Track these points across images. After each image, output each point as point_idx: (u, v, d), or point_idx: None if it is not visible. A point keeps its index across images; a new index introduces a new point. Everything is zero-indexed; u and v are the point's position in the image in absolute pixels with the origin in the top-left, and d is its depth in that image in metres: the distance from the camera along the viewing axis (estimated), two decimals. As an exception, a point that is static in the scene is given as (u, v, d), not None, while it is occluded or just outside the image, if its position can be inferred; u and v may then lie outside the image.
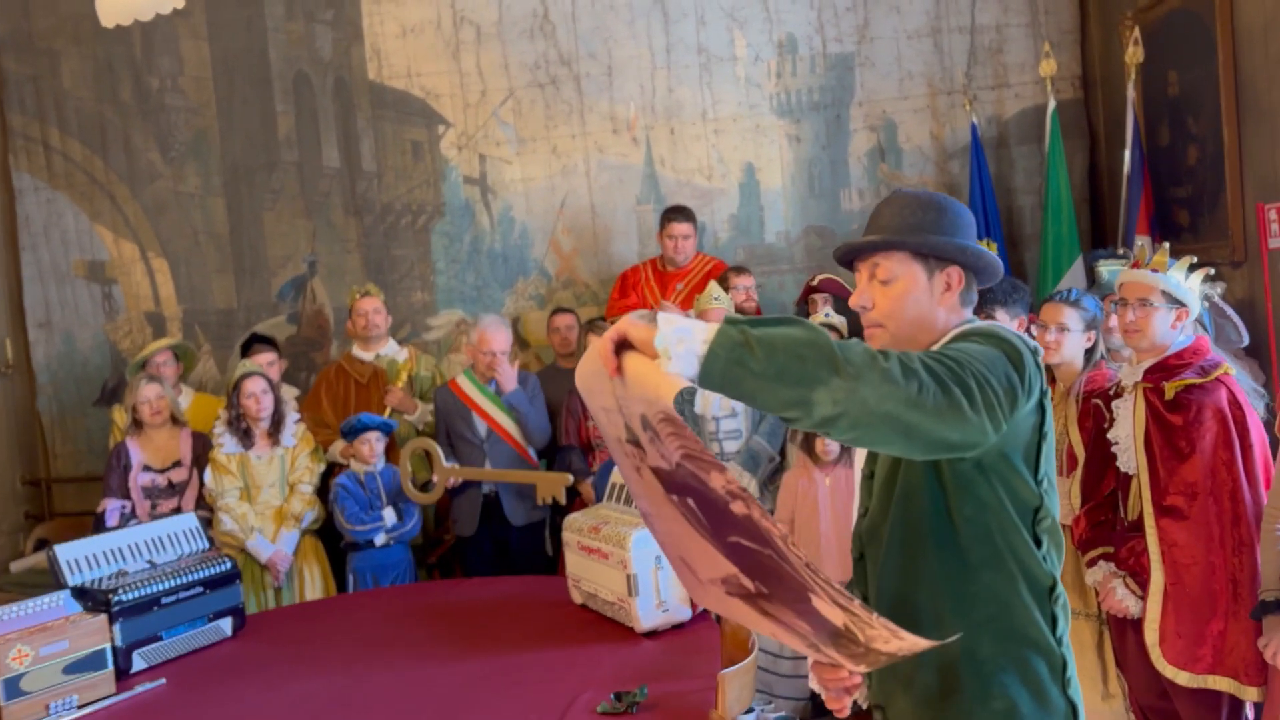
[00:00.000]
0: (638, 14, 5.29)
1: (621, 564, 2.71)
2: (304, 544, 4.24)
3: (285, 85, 5.48)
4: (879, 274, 1.66)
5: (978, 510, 1.55)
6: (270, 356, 4.70)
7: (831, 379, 1.30)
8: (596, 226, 5.43)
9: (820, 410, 1.31)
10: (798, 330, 1.34)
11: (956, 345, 1.50)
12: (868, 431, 1.34)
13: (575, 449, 4.33)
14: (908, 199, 1.68)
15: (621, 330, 1.39)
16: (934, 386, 1.35)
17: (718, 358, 1.32)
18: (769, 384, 1.31)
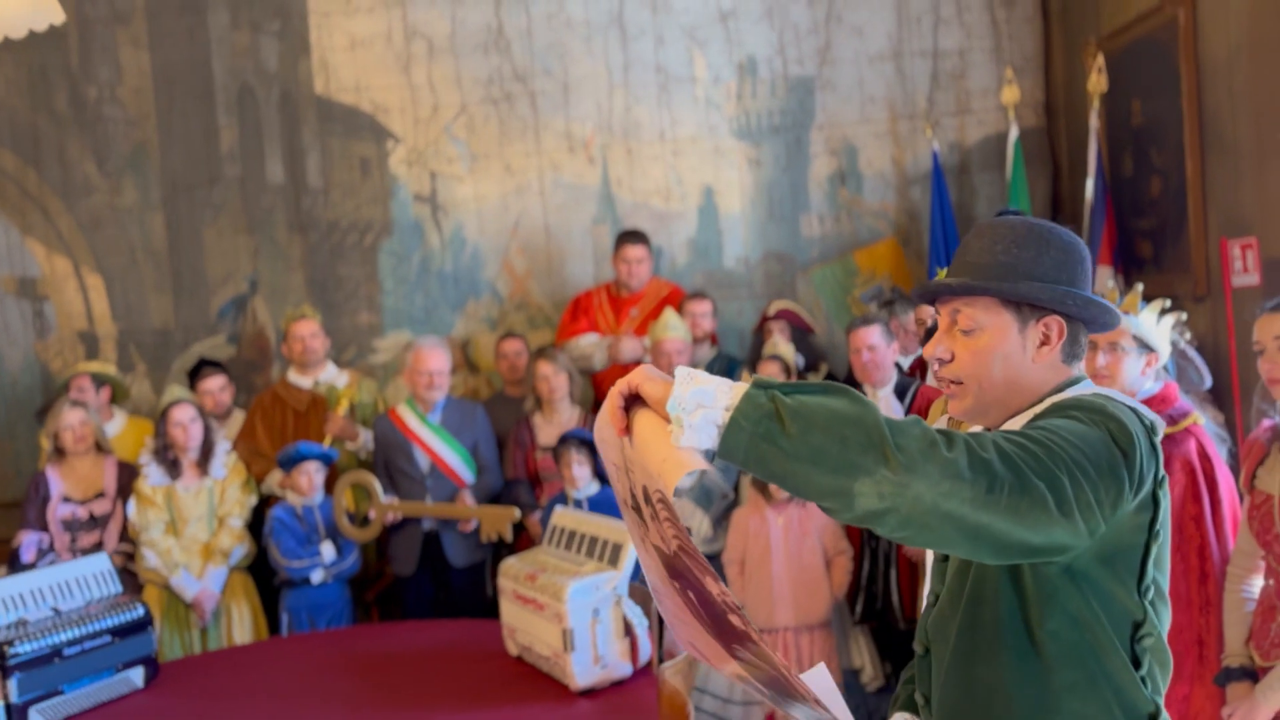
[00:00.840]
0: (595, 31, 5.16)
1: (557, 617, 2.54)
2: (233, 581, 4.03)
3: (229, 98, 5.27)
4: (960, 322, 1.38)
5: (1065, 625, 1.29)
6: (220, 381, 4.50)
7: (878, 469, 1.10)
8: (551, 247, 5.27)
9: (864, 504, 1.11)
10: (840, 402, 1.13)
11: (1050, 422, 1.25)
12: (923, 532, 1.13)
13: (523, 482, 4.16)
14: (1003, 230, 1.40)
15: (634, 383, 1.22)
16: (1010, 481, 1.13)
17: (741, 430, 1.12)
18: (802, 467, 1.11)
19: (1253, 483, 2.22)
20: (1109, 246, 4.34)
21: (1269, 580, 2.18)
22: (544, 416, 4.19)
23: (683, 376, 1.15)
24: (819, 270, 5.23)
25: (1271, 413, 2.20)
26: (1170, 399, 2.40)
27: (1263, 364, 2.12)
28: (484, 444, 4.10)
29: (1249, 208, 3.50)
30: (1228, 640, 2.25)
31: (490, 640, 3.04)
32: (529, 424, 4.20)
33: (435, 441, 4.01)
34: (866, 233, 5.19)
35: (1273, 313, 2.12)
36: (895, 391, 3.88)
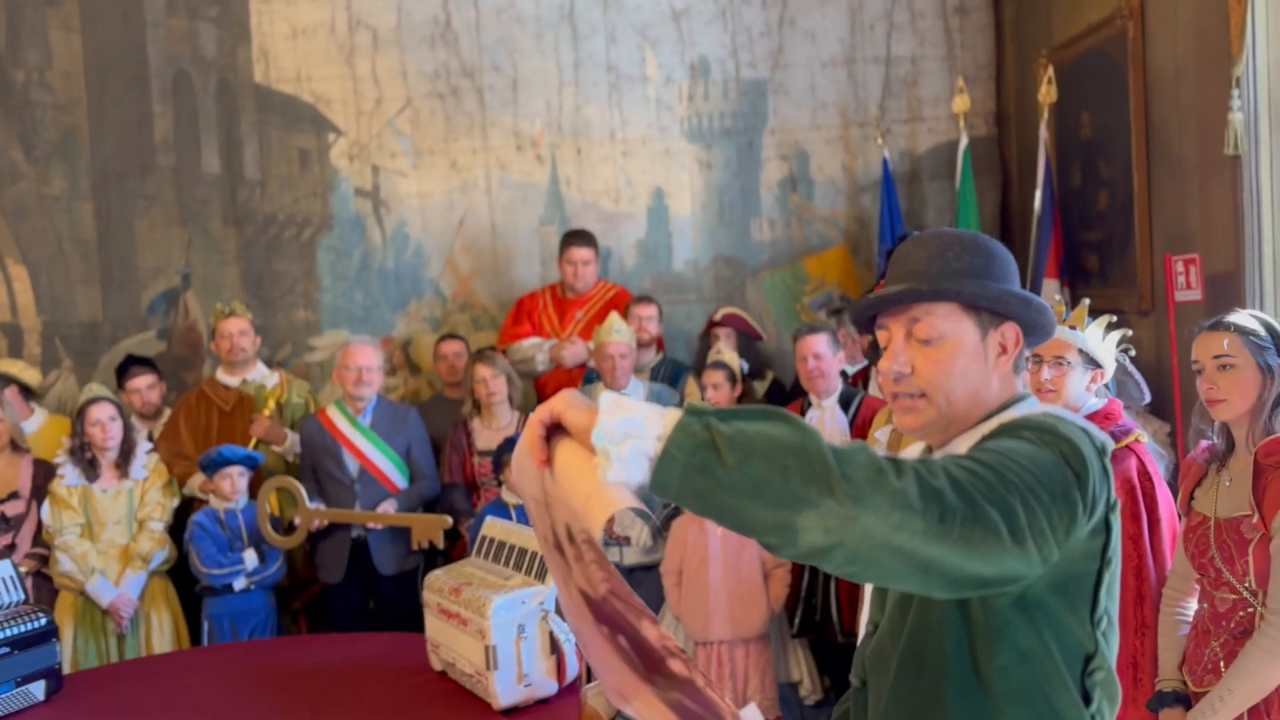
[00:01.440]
0: (545, 27, 5.05)
1: (480, 633, 2.43)
2: (153, 587, 3.86)
3: (164, 84, 5.09)
4: (919, 331, 1.31)
5: (1015, 661, 1.22)
6: (150, 379, 4.32)
7: (823, 501, 1.02)
8: (497, 247, 5.15)
9: (808, 539, 1.02)
10: (780, 429, 1.04)
11: (1000, 444, 1.18)
12: (872, 567, 1.05)
13: (459, 487, 4.04)
14: (947, 239, 1.34)
15: (555, 411, 1.11)
16: (962, 510, 1.06)
17: (674, 462, 1.03)
18: (741, 500, 1.02)
19: (1190, 504, 2.18)
20: (1055, 259, 4.33)
21: (1203, 604, 2.14)
22: (482, 421, 4.08)
23: (609, 404, 1.06)
24: (768, 276, 5.17)
25: (1209, 433, 2.16)
26: (1114, 415, 2.36)
27: (1201, 383, 2.08)
28: (418, 448, 3.98)
29: (1193, 223, 3.50)
30: (1161, 664, 2.21)
31: (416, 654, 2.92)
32: (467, 428, 4.08)
33: (365, 445, 3.88)
34: (816, 239, 5.14)
35: (1211, 331, 2.08)
36: (840, 401, 3.82)
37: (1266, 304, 3.02)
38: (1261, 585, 2.00)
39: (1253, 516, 2.00)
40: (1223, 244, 3.27)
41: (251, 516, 3.84)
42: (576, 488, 1.06)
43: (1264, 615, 1.98)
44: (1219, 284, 3.27)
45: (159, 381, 4.33)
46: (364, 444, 3.88)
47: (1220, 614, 2.07)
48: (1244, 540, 2.01)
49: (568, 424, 1.10)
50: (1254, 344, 2.02)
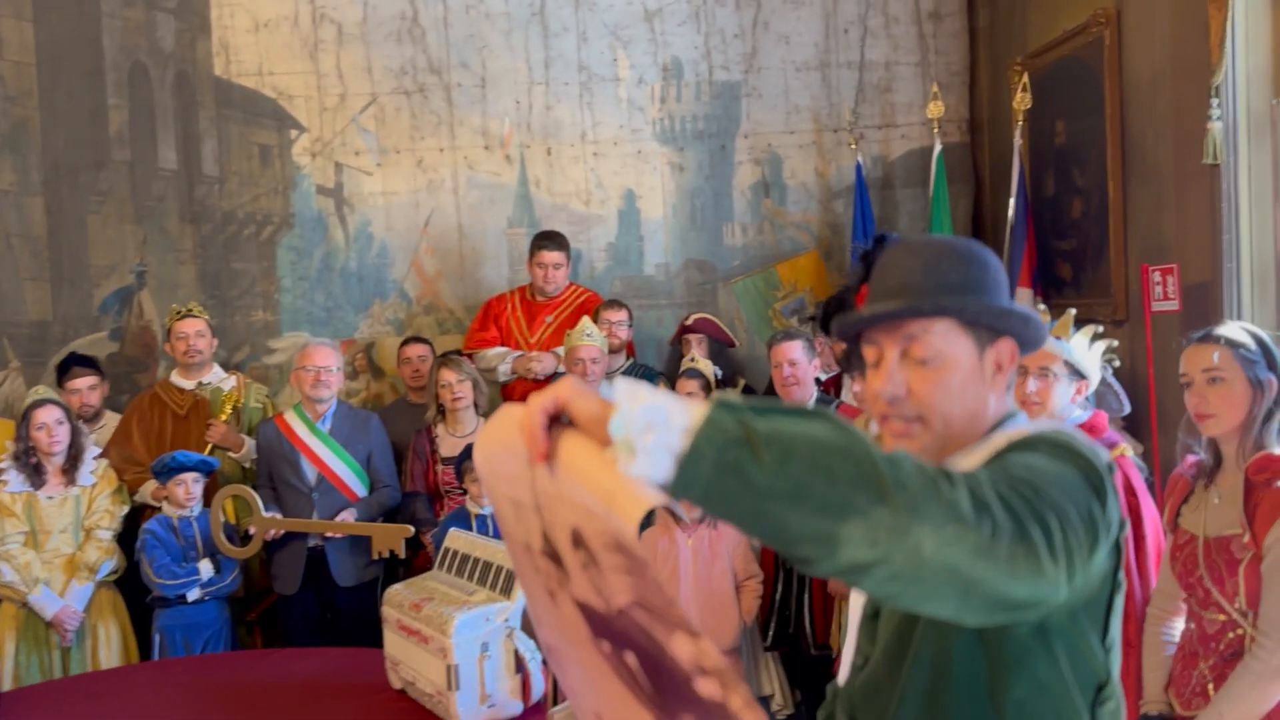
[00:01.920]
0: (515, 24, 4.95)
1: (441, 651, 2.33)
2: (100, 598, 3.71)
3: (119, 76, 4.92)
4: (915, 351, 1.22)
5: (1033, 694, 1.14)
6: (91, 380, 4.15)
7: (873, 509, 0.91)
8: (464, 248, 5.04)
9: (849, 553, 0.92)
10: (823, 428, 0.94)
11: (1020, 458, 1.10)
12: (914, 586, 0.95)
13: (420, 495, 3.92)
14: (938, 248, 1.25)
15: (561, 398, 0.97)
16: (1010, 527, 0.97)
17: (703, 459, 0.90)
18: (778, 506, 0.91)
19: (1176, 521, 2.13)
20: (1029, 267, 4.29)
21: (1190, 624, 2.08)
22: (447, 427, 3.97)
23: (627, 391, 0.93)
24: (740, 281, 5.11)
25: (1196, 448, 2.11)
26: (1099, 428, 2.31)
27: (1190, 397, 2.03)
28: (379, 455, 3.86)
29: (1170, 233, 3.47)
30: (1146, 685, 2.16)
31: (374, 671, 2.80)
32: (430, 435, 3.97)
33: (324, 451, 3.76)
34: (789, 244, 5.08)
35: (1200, 344, 2.03)
36: (813, 409, 3.75)
37: (1245, 315, 2.99)
38: (1252, 606, 1.95)
39: (1243, 535, 1.95)
40: (1200, 254, 3.24)
41: (206, 525, 3.70)
42: (596, 484, 0.92)
43: (1255, 638, 1.93)
44: (1196, 294, 3.24)
45: (101, 382, 4.16)
46: (323, 450, 3.76)
47: (1209, 635, 2.02)
48: (1234, 560, 1.96)
49: (575, 412, 0.96)
50: (1244, 357, 1.97)
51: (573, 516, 0.98)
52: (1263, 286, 3.02)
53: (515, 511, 1.09)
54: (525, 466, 1.01)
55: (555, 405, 0.97)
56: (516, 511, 1.09)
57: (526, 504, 1.05)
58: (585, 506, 0.95)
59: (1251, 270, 3.04)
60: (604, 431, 0.92)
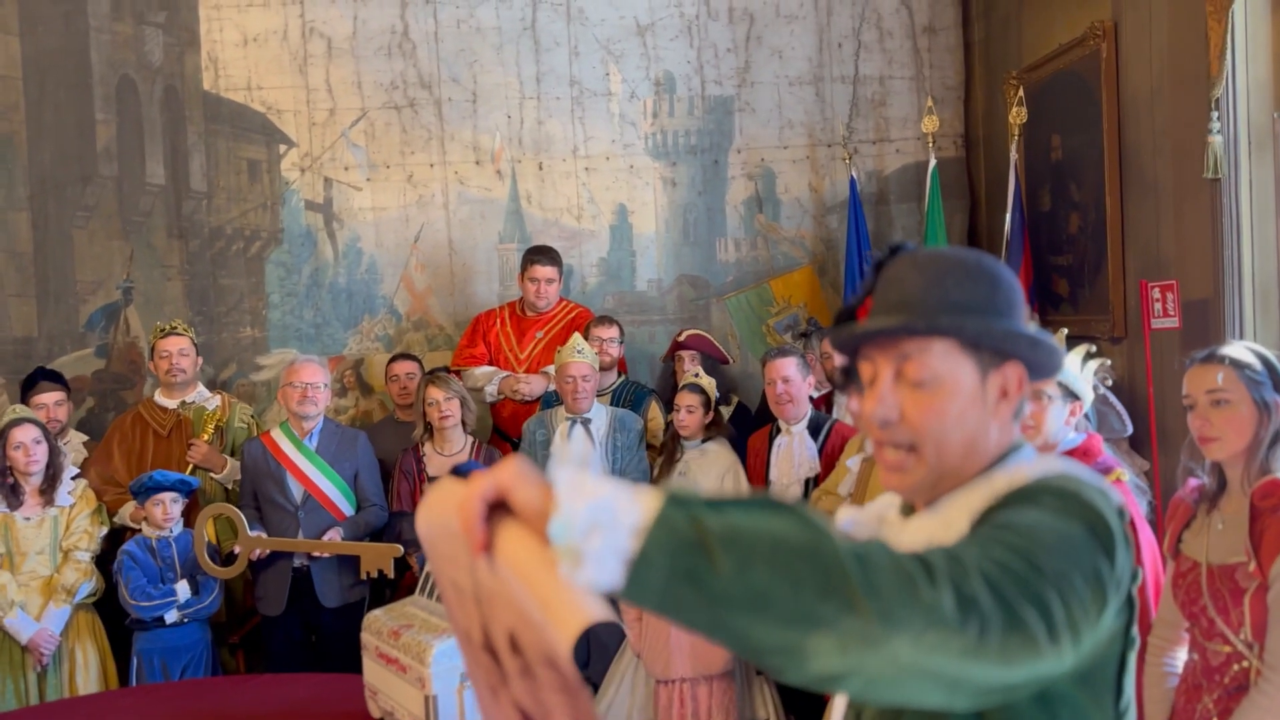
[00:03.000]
0: (506, 39, 4.91)
1: (420, 681, 2.26)
2: (78, 621, 3.63)
3: (107, 91, 4.88)
4: (910, 371, 1.12)
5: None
6: (57, 396, 4.07)
7: (841, 619, 0.84)
8: (454, 264, 4.98)
9: (819, 664, 0.85)
10: (785, 524, 0.86)
11: (1022, 519, 0.99)
12: (891, 690, 0.88)
13: (408, 515, 3.84)
14: (945, 263, 1.15)
15: (502, 485, 0.87)
16: (1000, 618, 0.89)
17: (655, 567, 0.82)
18: (738, 617, 0.83)
19: (1177, 547, 2.05)
20: (1025, 284, 4.23)
21: (1193, 655, 2.01)
22: (434, 445, 3.89)
23: (569, 485, 0.84)
24: (734, 297, 5.05)
25: (1199, 472, 2.04)
26: (1093, 452, 2.23)
27: (1193, 420, 1.96)
28: (366, 474, 3.78)
29: (1169, 249, 3.41)
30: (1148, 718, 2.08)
31: (354, 699, 2.73)
32: (418, 453, 3.90)
33: (310, 469, 3.68)
34: (783, 260, 5.02)
35: (1204, 365, 1.96)
36: (810, 428, 3.69)
37: (1246, 332, 2.93)
38: (1258, 638, 1.87)
39: (1249, 563, 1.87)
40: (1200, 270, 3.18)
41: (185, 545, 3.63)
42: (533, 589, 0.83)
43: (1261, 671, 1.86)
44: (1197, 312, 3.18)
45: (67, 399, 4.08)
46: (309, 468, 3.68)
47: (1213, 667, 1.94)
48: (1239, 589, 1.88)
49: (516, 504, 0.87)
50: (1250, 379, 1.90)
51: (510, 618, 0.89)
52: (1265, 303, 2.96)
53: (457, 596, 0.99)
54: (465, 552, 0.91)
55: (495, 492, 0.88)
56: (458, 597, 0.99)
57: (467, 591, 0.96)
58: (523, 611, 0.86)
59: (1253, 287, 2.98)
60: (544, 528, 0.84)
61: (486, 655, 0.98)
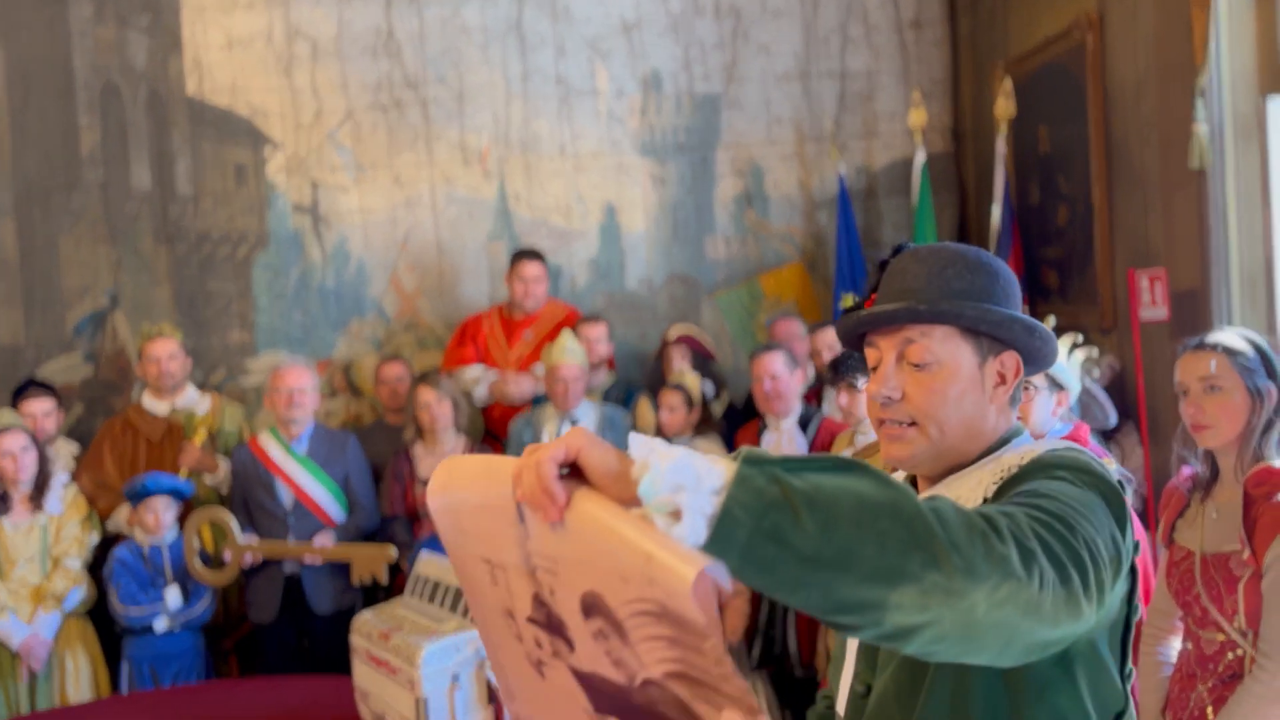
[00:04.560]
0: (492, 38, 4.89)
1: (410, 683, 2.24)
2: (69, 628, 3.60)
3: (91, 96, 4.84)
4: (912, 355, 1.20)
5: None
6: (47, 405, 4.03)
7: (926, 573, 0.87)
8: (443, 265, 4.96)
9: (897, 618, 0.87)
10: (863, 484, 0.88)
11: (1049, 486, 1.06)
12: (956, 645, 0.91)
13: (399, 519, 3.83)
14: (947, 255, 1.24)
15: (573, 449, 0.88)
16: (1053, 575, 0.94)
17: (739, 524, 0.83)
18: (822, 574, 0.85)
19: (1171, 536, 2.05)
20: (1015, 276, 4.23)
21: (1187, 644, 2.00)
22: (425, 447, 3.87)
23: (648, 447, 0.86)
24: (724, 294, 5.04)
25: (1192, 460, 2.03)
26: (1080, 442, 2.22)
27: (1186, 407, 1.95)
28: (356, 477, 3.76)
29: (1157, 238, 3.41)
30: (1142, 708, 2.07)
31: (346, 703, 2.71)
32: (408, 455, 3.87)
33: (300, 474, 3.66)
34: (773, 256, 5.01)
35: (1196, 352, 1.95)
36: (798, 423, 3.68)
37: (1235, 320, 2.93)
38: (1252, 626, 1.86)
39: (1243, 551, 1.87)
40: (1188, 260, 3.18)
41: (177, 551, 3.60)
42: (632, 545, 0.83)
43: (1256, 659, 1.85)
44: (1185, 301, 3.18)
45: (57, 409, 4.04)
46: (299, 473, 3.66)
47: (1207, 656, 1.93)
48: (1233, 577, 1.88)
49: (591, 467, 0.88)
50: (1242, 365, 1.90)
51: (590, 581, 0.89)
52: (1252, 293, 2.96)
53: (490, 573, 0.99)
54: (512, 524, 0.92)
55: (567, 456, 0.88)
56: (492, 573, 0.99)
57: (512, 566, 0.96)
58: (612, 570, 0.86)
59: (1241, 276, 2.98)
60: (622, 489, 0.86)
61: (535, 629, 0.97)
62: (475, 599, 1.06)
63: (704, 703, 0.85)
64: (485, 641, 1.11)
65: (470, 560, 1.02)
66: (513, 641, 1.02)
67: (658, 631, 0.85)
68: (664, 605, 0.82)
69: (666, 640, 0.84)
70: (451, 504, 0.99)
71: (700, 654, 0.83)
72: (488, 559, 0.99)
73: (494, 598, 1.01)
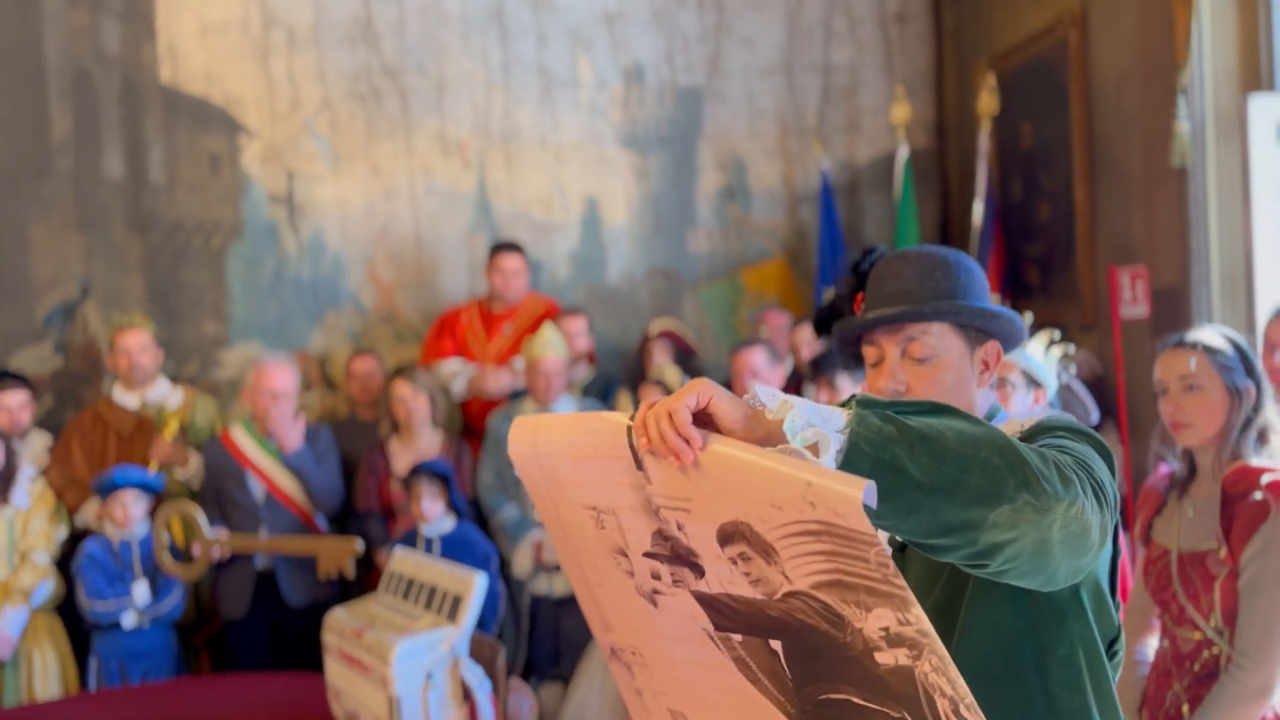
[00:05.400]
0: (472, 27, 4.83)
1: (383, 681, 2.20)
2: (36, 624, 3.53)
3: (63, 83, 4.76)
4: (914, 350, 1.35)
5: (1073, 650, 1.24)
6: (21, 397, 3.95)
7: (1019, 494, 0.99)
8: (422, 257, 4.91)
9: (989, 536, 0.99)
10: (960, 421, 1.02)
11: (1056, 441, 1.18)
12: (1019, 566, 1.03)
13: (375, 515, 3.78)
14: (930, 259, 1.39)
15: (704, 395, 1.00)
16: (1094, 502, 1.07)
17: (863, 456, 0.97)
18: (934, 499, 0.97)
19: (1148, 534, 2.03)
20: (997, 272, 4.23)
21: (1164, 642, 1.99)
22: (401, 442, 3.83)
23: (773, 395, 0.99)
24: (706, 289, 5.01)
25: (1170, 458, 2.02)
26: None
27: (1165, 406, 1.94)
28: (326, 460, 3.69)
29: (1137, 237, 3.40)
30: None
31: (318, 700, 2.67)
32: (384, 450, 3.83)
33: (273, 468, 3.61)
34: (755, 251, 4.99)
35: (1175, 350, 1.94)
36: (778, 419, 3.66)
37: (1215, 318, 2.92)
38: (1228, 624, 1.85)
39: (1219, 550, 1.86)
40: (1169, 258, 3.17)
41: (149, 547, 3.54)
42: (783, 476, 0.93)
43: (1231, 657, 1.84)
44: (1166, 299, 3.17)
45: (31, 400, 3.97)
46: (271, 467, 3.61)
47: (1183, 654, 1.92)
48: (1210, 575, 1.87)
49: (723, 413, 1.00)
50: (1221, 364, 1.88)
51: (731, 512, 0.99)
52: (1232, 291, 2.95)
53: (597, 518, 1.10)
54: (627, 471, 1.03)
55: (699, 404, 1.00)
56: (599, 518, 1.10)
57: (625, 508, 1.06)
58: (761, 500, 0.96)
59: (1221, 274, 2.97)
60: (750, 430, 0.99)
61: (652, 562, 1.07)
62: (575, 543, 1.16)
63: (853, 605, 0.95)
64: (579, 582, 1.21)
65: (570, 509, 1.12)
66: (621, 577, 1.12)
67: (814, 548, 0.94)
68: (827, 523, 0.92)
69: (823, 554, 0.94)
70: (545, 458, 1.09)
71: (863, 561, 0.92)
72: (593, 505, 1.10)
73: (600, 540, 1.12)
